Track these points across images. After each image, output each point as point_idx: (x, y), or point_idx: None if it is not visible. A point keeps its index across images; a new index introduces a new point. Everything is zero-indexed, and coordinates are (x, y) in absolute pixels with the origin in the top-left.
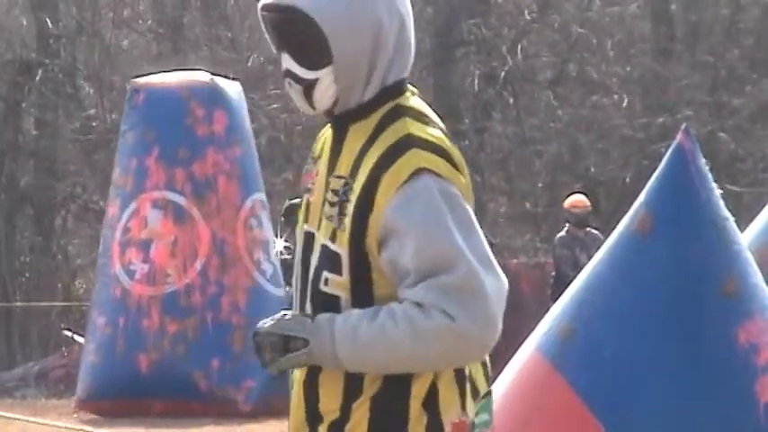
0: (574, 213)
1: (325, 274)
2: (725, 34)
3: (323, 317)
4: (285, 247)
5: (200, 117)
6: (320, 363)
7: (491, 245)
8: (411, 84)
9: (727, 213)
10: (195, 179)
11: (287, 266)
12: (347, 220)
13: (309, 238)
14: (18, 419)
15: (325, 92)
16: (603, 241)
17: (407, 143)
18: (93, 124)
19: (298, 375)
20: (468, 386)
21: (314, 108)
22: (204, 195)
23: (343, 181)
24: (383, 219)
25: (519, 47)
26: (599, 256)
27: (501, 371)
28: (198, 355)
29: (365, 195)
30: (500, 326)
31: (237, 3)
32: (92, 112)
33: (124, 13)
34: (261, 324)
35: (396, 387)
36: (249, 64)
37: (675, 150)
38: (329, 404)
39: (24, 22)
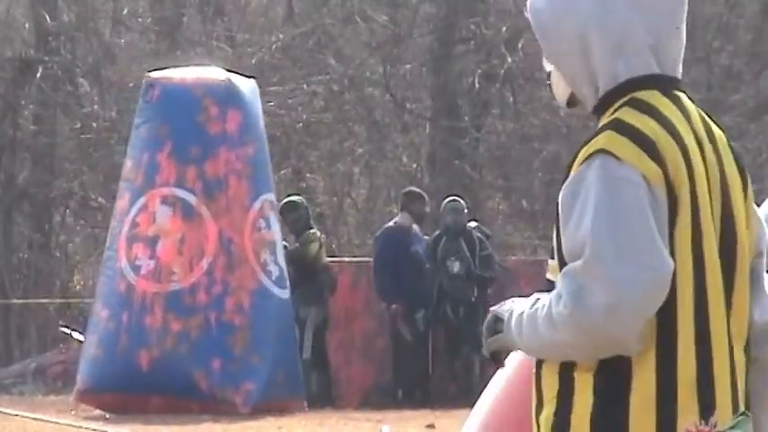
0: None
1: (549, 260)
2: (721, 31)
3: (510, 300)
4: (283, 246)
5: (213, 115)
6: (513, 347)
7: (486, 237)
8: (651, 82)
9: None
10: (206, 178)
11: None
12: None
13: None
14: (17, 416)
15: (558, 84)
16: None
17: (608, 126)
18: (94, 124)
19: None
20: (714, 394)
21: (557, 99)
22: (214, 194)
23: None
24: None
25: (518, 45)
26: None
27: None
28: (199, 354)
29: (567, 174)
30: (630, 318)
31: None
32: (90, 109)
33: (123, 10)
34: None
35: (615, 381)
36: (249, 61)
37: None
38: (549, 393)
39: (23, 20)
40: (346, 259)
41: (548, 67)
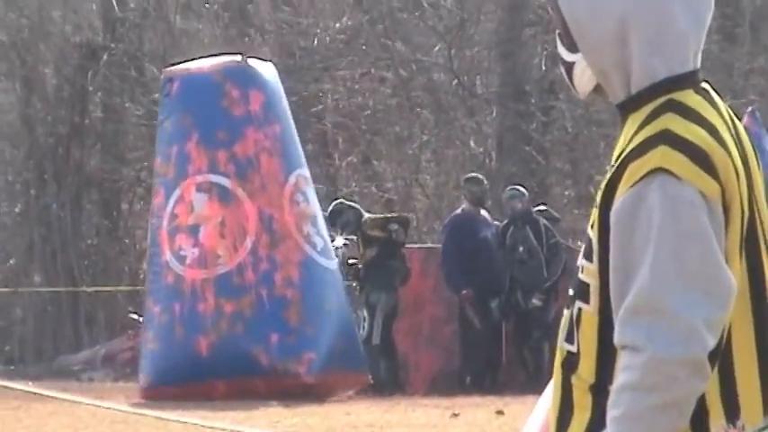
0: None
1: (582, 261)
2: None
3: None
4: (344, 244)
5: (236, 98)
6: None
7: (555, 221)
8: (702, 81)
9: None
10: (237, 159)
11: (343, 262)
12: (598, 206)
13: None
14: (83, 403)
15: (581, 76)
16: None
17: (660, 139)
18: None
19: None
20: (738, 400)
21: (576, 90)
22: (247, 175)
23: (611, 168)
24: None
25: None
26: None
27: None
28: (256, 332)
29: (612, 184)
30: (708, 341)
31: None
32: (157, 96)
33: None
34: None
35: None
36: (317, 47)
37: None
38: (582, 401)
39: (92, 6)
40: (415, 246)
41: (568, 56)
